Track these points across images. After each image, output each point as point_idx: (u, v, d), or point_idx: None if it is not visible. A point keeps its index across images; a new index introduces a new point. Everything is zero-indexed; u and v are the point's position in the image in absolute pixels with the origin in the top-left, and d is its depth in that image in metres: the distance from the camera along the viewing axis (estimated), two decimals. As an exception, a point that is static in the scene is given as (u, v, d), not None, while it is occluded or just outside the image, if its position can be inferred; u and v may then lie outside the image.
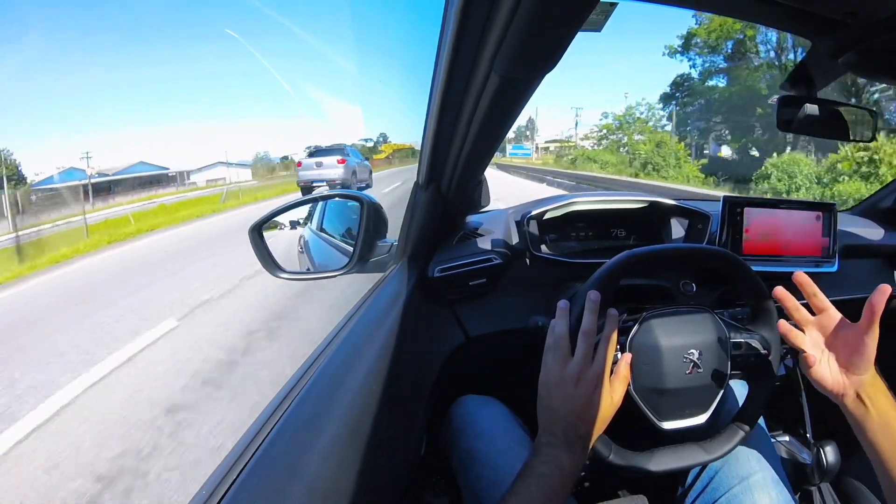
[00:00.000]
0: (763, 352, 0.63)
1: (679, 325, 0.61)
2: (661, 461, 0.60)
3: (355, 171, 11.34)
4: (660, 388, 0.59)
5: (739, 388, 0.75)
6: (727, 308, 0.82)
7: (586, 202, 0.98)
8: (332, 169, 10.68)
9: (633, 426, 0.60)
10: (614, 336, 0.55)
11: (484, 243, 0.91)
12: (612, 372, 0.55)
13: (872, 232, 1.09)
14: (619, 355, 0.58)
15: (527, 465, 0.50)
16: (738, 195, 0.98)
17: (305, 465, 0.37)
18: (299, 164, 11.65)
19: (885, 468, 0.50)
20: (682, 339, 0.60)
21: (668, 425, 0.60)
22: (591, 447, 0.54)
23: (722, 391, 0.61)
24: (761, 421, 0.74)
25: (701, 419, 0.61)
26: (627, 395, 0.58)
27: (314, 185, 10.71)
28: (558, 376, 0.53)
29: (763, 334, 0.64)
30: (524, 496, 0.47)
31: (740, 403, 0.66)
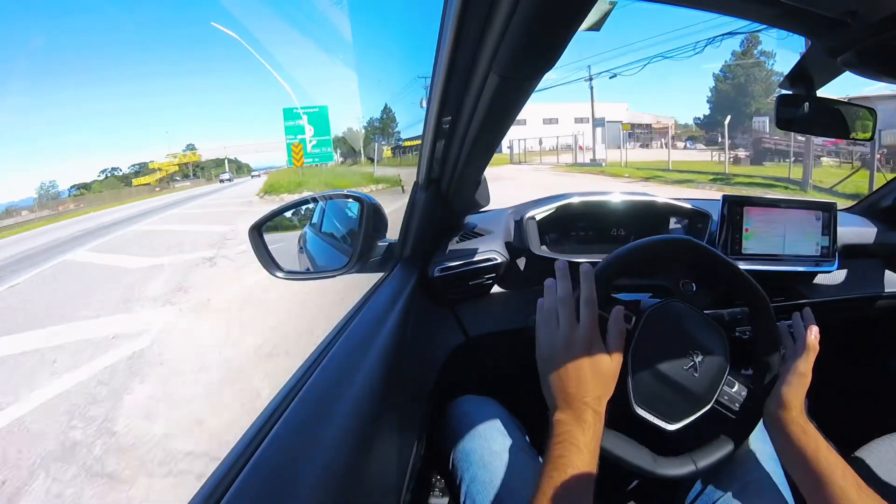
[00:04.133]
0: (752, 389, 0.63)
1: (692, 322, 0.61)
2: (703, 460, 0.60)
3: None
4: (661, 372, 0.58)
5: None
6: (726, 308, 0.82)
7: (585, 201, 0.98)
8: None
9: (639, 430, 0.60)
10: (593, 292, 0.53)
11: (484, 243, 0.91)
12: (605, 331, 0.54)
13: (872, 232, 1.09)
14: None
15: (548, 449, 0.49)
16: (738, 194, 0.98)
17: (305, 464, 0.37)
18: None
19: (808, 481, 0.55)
20: (690, 336, 0.60)
21: (674, 427, 0.59)
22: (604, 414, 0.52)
23: (719, 388, 0.62)
24: (761, 423, 0.74)
25: (705, 408, 0.61)
26: (630, 405, 0.58)
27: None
28: (549, 350, 0.52)
29: (760, 347, 0.64)
30: (556, 481, 0.46)
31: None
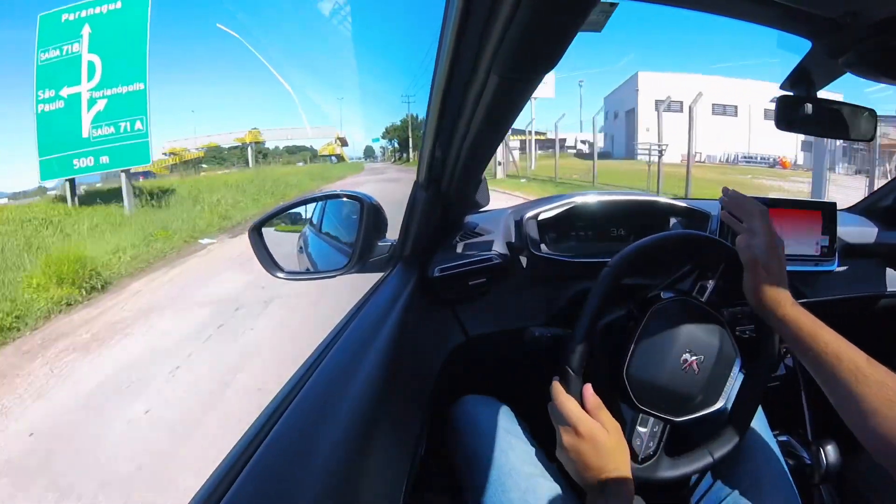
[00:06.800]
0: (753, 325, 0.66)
1: (653, 346, 0.62)
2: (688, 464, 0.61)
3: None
4: (692, 400, 0.60)
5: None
6: (727, 307, 0.82)
7: (586, 201, 0.98)
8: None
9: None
10: (561, 394, 0.58)
11: (484, 243, 0.91)
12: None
13: (872, 231, 1.09)
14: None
15: None
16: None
17: (306, 464, 0.37)
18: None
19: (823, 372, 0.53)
20: (666, 355, 0.61)
21: (681, 419, 0.61)
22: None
23: (732, 372, 0.62)
24: (765, 421, 0.74)
25: (718, 405, 0.62)
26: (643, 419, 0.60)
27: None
28: (560, 453, 0.57)
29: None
30: None
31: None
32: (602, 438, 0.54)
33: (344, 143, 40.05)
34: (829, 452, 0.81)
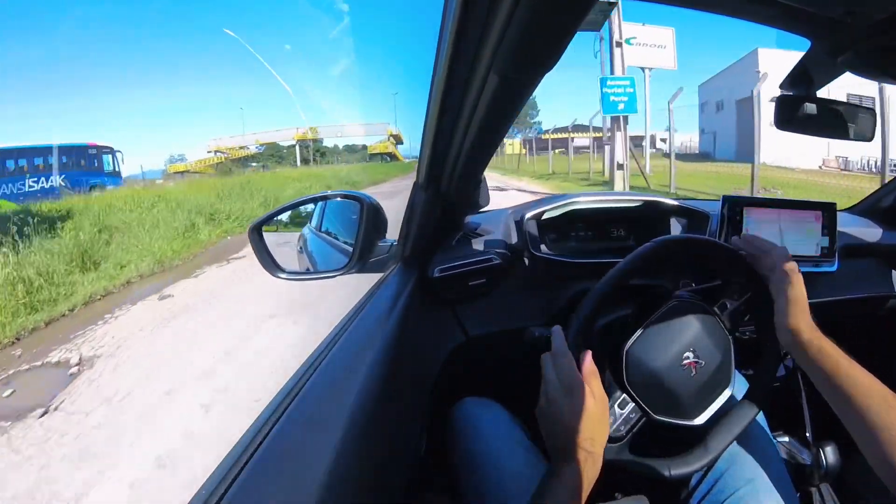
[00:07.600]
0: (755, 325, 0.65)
1: (661, 334, 0.62)
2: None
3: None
4: (676, 401, 0.60)
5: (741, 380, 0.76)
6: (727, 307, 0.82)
7: (586, 202, 0.98)
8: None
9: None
10: (563, 345, 0.57)
11: (484, 243, 0.91)
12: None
13: (872, 231, 1.09)
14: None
15: (541, 489, 0.51)
16: (738, 194, 0.98)
17: (306, 464, 0.37)
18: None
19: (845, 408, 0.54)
20: (671, 346, 0.61)
21: (658, 418, 0.60)
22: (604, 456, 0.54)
23: (723, 393, 0.62)
24: (764, 422, 0.74)
25: (697, 421, 0.61)
26: (649, 423, 0.60)
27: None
28: (540, 406, 0.56)
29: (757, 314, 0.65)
30: None
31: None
32: (588, 402, 0.53)
33: (398, 140, 35.66)
34: (829, 454, 0.81)
